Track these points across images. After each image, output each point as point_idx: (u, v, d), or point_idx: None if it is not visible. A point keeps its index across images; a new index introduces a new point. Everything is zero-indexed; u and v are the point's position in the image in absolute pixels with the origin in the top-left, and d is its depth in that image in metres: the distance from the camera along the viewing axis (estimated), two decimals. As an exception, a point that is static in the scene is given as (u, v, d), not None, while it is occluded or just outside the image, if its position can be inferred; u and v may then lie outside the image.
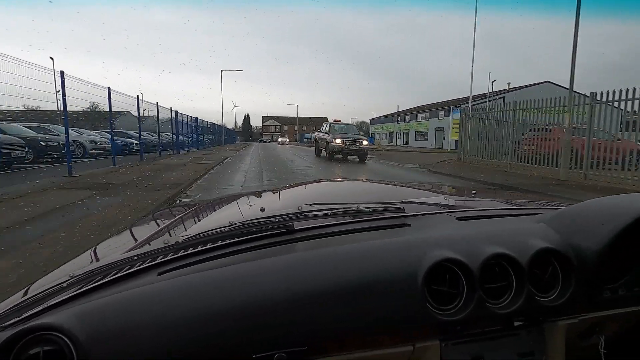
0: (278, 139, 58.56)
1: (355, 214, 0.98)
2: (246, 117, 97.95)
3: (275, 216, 0.95)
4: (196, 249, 0.82)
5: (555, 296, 0.80)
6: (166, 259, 0.79)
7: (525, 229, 0.89)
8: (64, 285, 0.73)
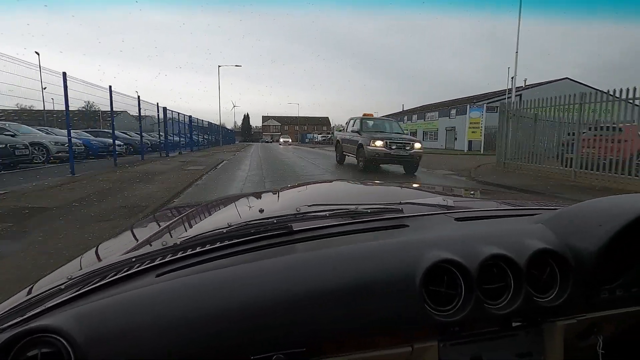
0: (280, 139, 53.97)
1: (354, 215, 0.98)
2: (245, 117, 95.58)
3: (273, 217, 0.95)
4: (195, 250, 0.82)
5: (553, 297, 0.80)
6: (165, 260, 0.78)
7: (523, 230, 0.89)
8: (62, 287, 0.73)
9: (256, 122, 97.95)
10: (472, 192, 1.53)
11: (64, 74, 8.70)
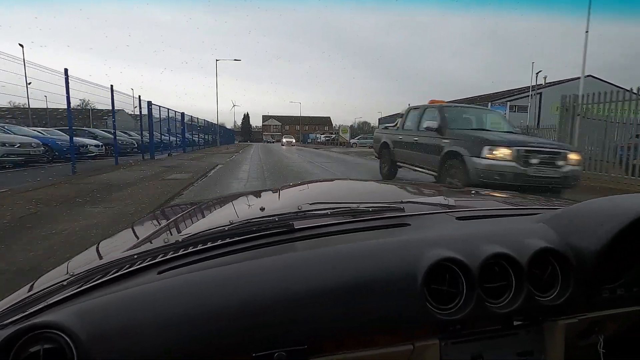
0: (282, 139, 47.50)
1: (355, 213, 0.98)
2: (245, 116, 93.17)
3: (275, 215, 0.95)
4: (196, 247, 0.82)
5: (554, 296, 0.80)
6: (166, 257, 0.79)
7: (524, 229, 0.90)
8: (64, 283, 0.73)
9: (256, 121, 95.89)
10: (473, 192, 1.55)
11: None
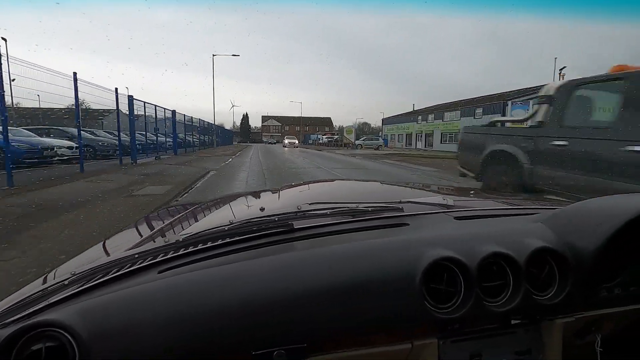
0: (284, 139, 43.33)
1: (354, 213, 0.98)
2: (244, 117, 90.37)
3: (274, 215, 0.95)
4: (196, 247, 0.82)
5: (552, 295, 0.81)
6: (167, 257, 0.79)
7: (522, 229, 0.90)
8: (65, 282, 0.73)
9: (256, 122, 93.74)
10: (471, 192, 1.53)
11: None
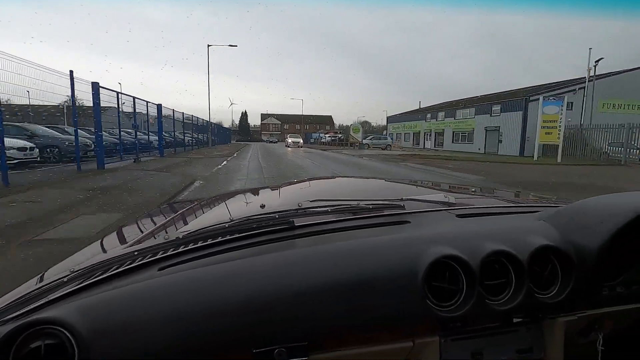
0: (287, 138, 37.98)
1: (355, 210, 0.98)
2: (243, 115, 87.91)
3: (275, 212, 0.94)
4: (196, 244, 0.82)
5: (554, 293, 0.80)
6: (167, 254, 0.79)
7: (525, 227, 0.89)
8: (64, 279, 0.73)
9: (255, 120, 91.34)
10: (473, 189, 1.52)
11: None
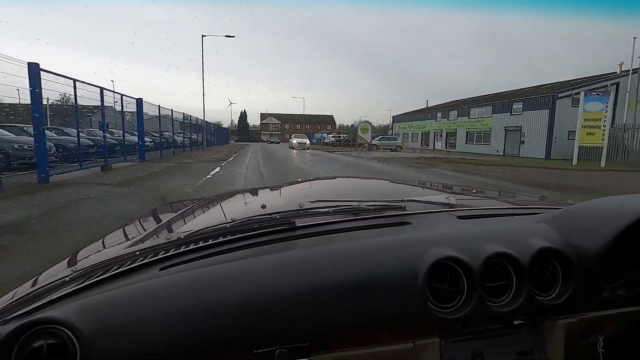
0: (292, 138, 33.01)
1: (356, 211, 0.98)
2: (242, 114, 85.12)
3: (277, 213, 0.94)
4: (198, 244, 0.82)
5: (555, 295, 0.80)
6: (168, 254, 0.79)
7: (526, 229, 0.89)
8: (66, 279, 0.73)
9: (254, 121, 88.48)
10: (474, 191, 1.52)
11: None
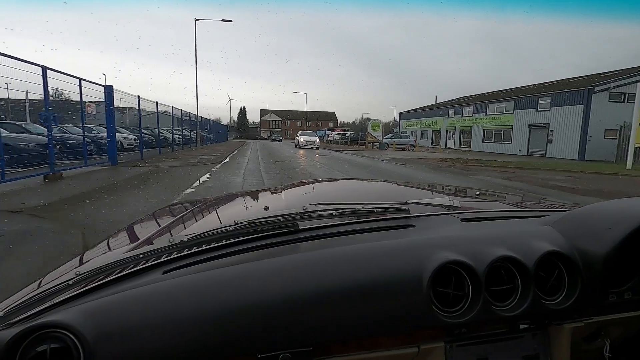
0: (299, 136, 28.88)
1: (359, 214, 0.97)
2: (241, 111, 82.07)
3: (280, 215, 0.93)
4: (201, 247, 0.81)
5: (561, 299, 0.80)
6: (171, 257, 0.78)
7: (531, 232, 0.88)
8: (70, 282, 0.73)
9: (254, 117, 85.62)
10: (477, 193, 1.51)
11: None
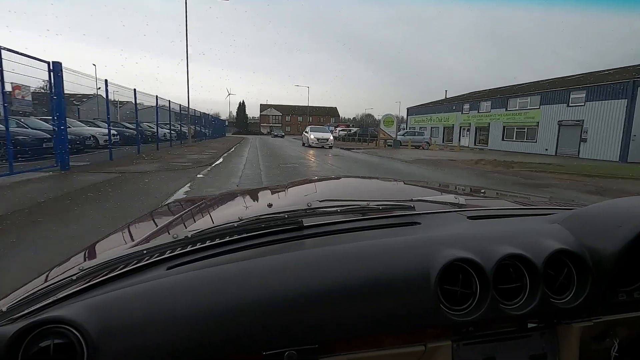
0: (308, 133, 24.21)
1: (365, 211, 0.97)
2: (241, 105, 79.19)
3: (284, 212, 0.93)
4: (205, 244, 0.81)
5: (569, 298, 0.79)
6: (175, 253, 0.78)
7: (539, 230, 0.88)
8: (73, 278, 0.72)
9: (254, 112, 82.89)
10: (482, 191, 1.49)
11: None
